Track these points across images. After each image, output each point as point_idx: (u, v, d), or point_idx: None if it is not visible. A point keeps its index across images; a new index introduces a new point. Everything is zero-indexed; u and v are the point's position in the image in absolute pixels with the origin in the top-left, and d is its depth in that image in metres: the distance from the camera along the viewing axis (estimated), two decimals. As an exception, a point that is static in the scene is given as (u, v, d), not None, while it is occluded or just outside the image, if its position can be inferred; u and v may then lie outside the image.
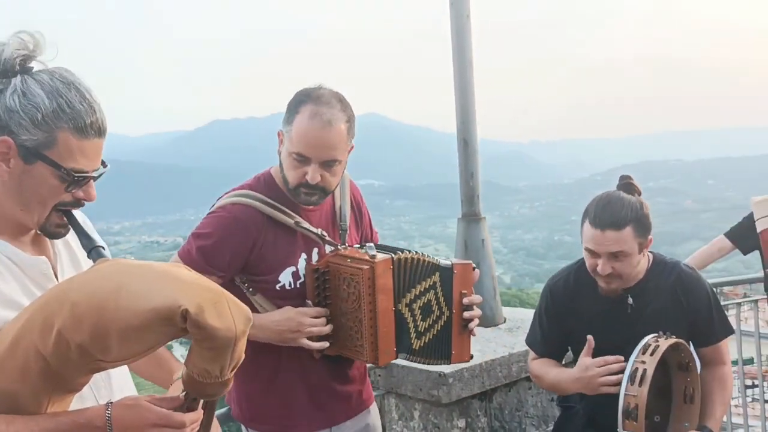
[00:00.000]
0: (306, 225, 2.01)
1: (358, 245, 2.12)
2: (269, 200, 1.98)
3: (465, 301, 2.03)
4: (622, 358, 2.13)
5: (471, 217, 3.37)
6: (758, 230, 1.91)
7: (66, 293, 1.19)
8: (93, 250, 1.34)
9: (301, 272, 2.02)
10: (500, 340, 3.12)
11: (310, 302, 2.00)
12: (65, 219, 1.36)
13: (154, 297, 1.15)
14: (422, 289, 2.01)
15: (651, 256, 2.36)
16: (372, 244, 2.06)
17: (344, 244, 2.08)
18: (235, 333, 1.20)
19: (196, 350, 1.22)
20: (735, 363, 4.88)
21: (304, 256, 2.02)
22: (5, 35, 1.29)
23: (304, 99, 1.93)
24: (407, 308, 1.99)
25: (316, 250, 2.04)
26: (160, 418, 1.27)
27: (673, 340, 2.14)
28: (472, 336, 2.08)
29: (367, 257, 1.94)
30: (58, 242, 1.43)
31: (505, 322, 3.39)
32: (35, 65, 1.30)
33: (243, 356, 1.26)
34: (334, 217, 2.11)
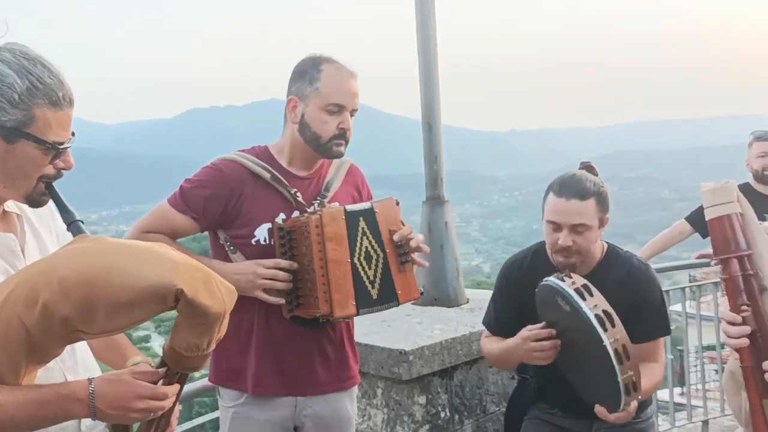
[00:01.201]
0: (281, 179, 2.07)
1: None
2: (254, 158, 2.09)
3: (395, 237, 2.04)
4: (553, 332, 2.17)
5: (435, 200, 3.44)
6: (707, 218, 1.94)
7: (53, 268, 1.23)
8: (72, 224, 1.39)
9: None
10: (461, 319, 3.19)
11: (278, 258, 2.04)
12: (46, 190, 1.40)
13: (148, 275, 1.22)
14: (360, 238, 2.03)
15: (605, 246, 2.41)
16: (336, 203, 2.10)
17: (314, 207, 2.09)
18: (225, 309, 1.31)
19: (185, 327, 1.30)
20: (712, 348, 5.01)
21: (282, 216, 2.08)
22: None
23: (319, 60, 2.08)
24: (359, 262, 2.02)
25: (296, 213, 2.09)
26: (145, 390, 1.33)
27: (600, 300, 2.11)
28: (416, 269, 2.11)
29: (320, 209, 2.01)
30: (25, 222, 1.46)
31: (468, 302, 3.47)
32: None
33: (225, 330, 1.35)
34: (320, 188, 2.17)
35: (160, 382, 1.38)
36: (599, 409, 2.09)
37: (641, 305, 2.32)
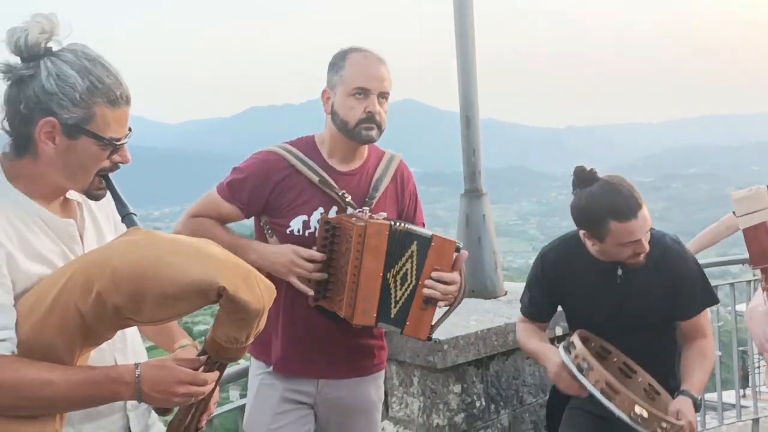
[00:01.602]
0: (330, 183, 2.14)
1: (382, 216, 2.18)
2: (300, 155, 2.16)
3: (434, 275, 2.01)
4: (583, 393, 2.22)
5: (473, 193, 3.47)
6: (741, 228, 1.90)
7: (107, 259, 1.34)
8: (127, 216, 1.49)
9: (312, 223, 2.14)
10: (498, 311, 3.22)
11: (315, 248, 2.11)
12: (104, 183, 1.49)
13: (193, 272, 1.32)
14: (405, 259, 2.05)
15: None
16: (384, 214, 2.15)
17: (363, 210, 2.14)
18: (263, 305, 1.40)
19: (225, 320, 1.40)
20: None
21: (320, 209, 2.14)
22: (20, 21, 1.38)
23: (347, 51, 2.15)
24: (393, 278, 2.05)
25: (335, 208, 2.16)
26: (187, 376, 1.43)
27: (575, 333, 2.27)
28: (434, 314, 2.06)
29: (368, 217, 2.06)
30: (84, 210, 1.56)
31: (506, 294, 3.49)
32: (54, 45, 1.40)
33: (264, 325, 1.44)
34: (368, 188, 2.21)
35: (201, 369, 1.47)
36: None
37: (678, 283, 2.35)
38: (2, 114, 1.40)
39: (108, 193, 1.52)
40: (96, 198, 1.52)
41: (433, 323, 2.07)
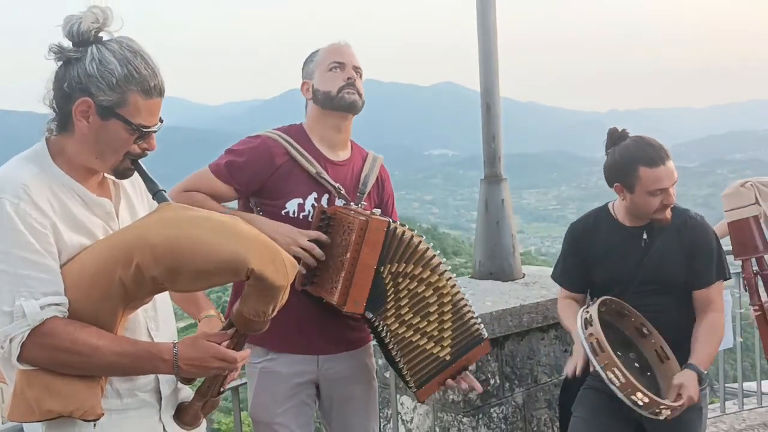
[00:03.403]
0: (326, 177, 2.26)
1: (366, 208, 2.31)
2: (296, 144, 2.27)
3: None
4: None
5: (492, 178, 3.54)
6: (726, 221, 2.05)
7: (145, 235, 1.48)
8: (158, 193, 1.62)
9: (306, 206, 2.25)
10: (514, 293, 3.30)
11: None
12: (132, 165, 1.61)
13: (226, 251, 1.47)
14: (415, 276, 2.14)
15: None
16: (379, 210, 2.25)
17: (356, 204, 2.29)
18: (287, 281, 1.54)
19: (253, 296, 1.54)
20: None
21: (314, 194, 2.26)
22: (78, 9, 1.53)
23: (316, 50, 2.34)
24: (390, 276, 2.13)
25: (326, 196, 2.27)
26: (218, 353, 1.57)
27: (597, 301, 2.36)
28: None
29: (370, 214, 2.15)
30: (120, 189, 1.69)
31: (523, 277, 3.57)
32: (104, 35, 1.53)
33: (287, 298, 1.58)
34: (357, 182, 2.35)
35: (227, 342, 1.61)
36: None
37: (696, 250, 2.47)
38: (51, 93, 1.55)
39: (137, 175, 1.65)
40: (124, 176, 1.63)
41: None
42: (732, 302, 3.78)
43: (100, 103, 1.49)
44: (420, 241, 2.16)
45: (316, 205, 2.26)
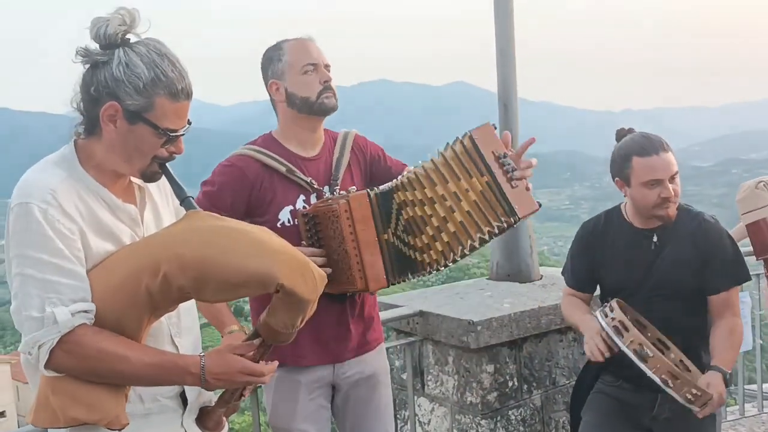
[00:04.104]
0: (298, 174, 2.24)
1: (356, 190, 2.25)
2: (266, 152, 2.25)
3: (498, 155, 1.97)
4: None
5: (510, 178, 3.52)
6: (744, 224, 2.06)
7: (173, 245, 1.48)
8: (185, 200, 1.61)
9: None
10: (532, 294, 3.29)
11: (304, 243, 2.21)
12: (160, 169, 1.60)
13: (253, 264, 1.46)
14: (394, 213, 2.10)
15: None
16: (354, 188, 2.22)
17: (331, 193, 2.26)
18: (317, 295, 1.54)
19: (281, 308, 1.53)
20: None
21: (302, 197, 2.25)
22: (106, 12, 1.52)
23: (279, 44, 2.27)
24: (393, 234, 2.13)
25: (314, 195, 2.26)
26: (245, 368, 1.56)
27: (614, 303, 2.31)
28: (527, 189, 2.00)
29: (344, 194, 2.16)
30: (145, 194, 1.68)
31: (541, 279, 3.55)
32: (131, 37, 1.52)
33: (315, 310, 1.57)
34: (330, 167, 2.32)
35: (253, 353, 1.60)
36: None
37: (711, 255, 2.41)
38: (78, 96, 1.54)
39: (165, 179, 1.64)
40: (151, 180, 1.62)
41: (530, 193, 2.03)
42: (751, 303, 3.74)
43: (128, 107, 1.49)
44: (402, 183, 2.09)
45: (305, 207, 2.24)
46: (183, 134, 1.57)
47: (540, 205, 2.02)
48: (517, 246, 3.47)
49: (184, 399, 1.68)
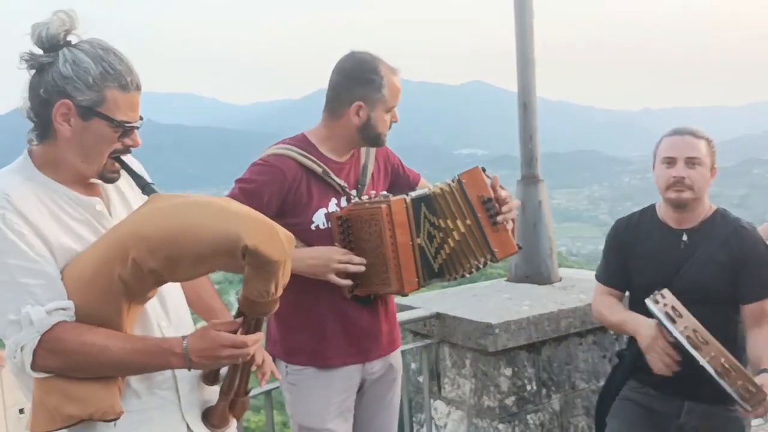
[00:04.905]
0: (332, 175, 2.27)
1: (376, 194, 2.34)
2: (303, 152, 2.26)
3: (485, 200, 2.20)
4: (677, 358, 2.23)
5: (529, 179, 3.48)
6: None
7: (138, 229, 1.47)
8: (146, 187, 1.62)
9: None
10: (552, 296, 3.23)
11: (337, 245, 2.23)
12: (117, 165, 1.61)
13: (217, 231, 1.45)
14: (422, 221, 2.23)
15: (715, 207, 2.47)
16: (385, 192, 2.29)
17: (360, 196, 2.30)
18: (286, 255, 1.51)
19: (253, 276, 1.50)
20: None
21: (334, 200, 2.27)
22: (45, 16, 1.52)
23: (375, 64, 2.25)
24: (423, 242, 2.23)
25: (344, 198, 2.29)
26: (227, 340, 1.54)
27: (665, 290, 2.24)
28: (510, 230, 2.24)
29: (383, 199, 2.21)
30: (110, 188, 1.67)
31: (560, 281, 3.49)
32: (73, 38, 1.53)
33: (289, 275, 1.55)
34: (358, 173, 2.36)
35: (240, 330, 1.57)
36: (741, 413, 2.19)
37: (746, 262, 2.35)
38: (27, 104, 1.54)
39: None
40: (110, 180, 1.61)
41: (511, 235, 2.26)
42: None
43: (80, 103, 1.49)
44: (435, 194, 2.23)
45: (337, 210, 2.26)
46: (138, 126, 1.58)
47: (520, 247, 2.29)
48: (537, 247, 3.42)
49: None
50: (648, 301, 2.25)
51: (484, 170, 2.24)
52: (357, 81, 2.24)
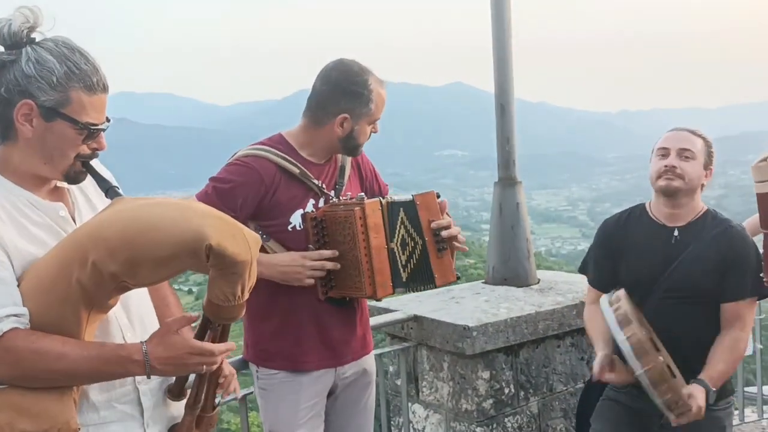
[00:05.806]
0: (310, 176, 2.24)
1: (351, 196, 2.32)
2: (280, 153, 2.22)
3: (433, 225, 2.22)
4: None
5: (507, 181, 3.47)
6: (756, 193, 2.05)
7: (98, 231, 1.41)
8: (110, 190, 1.56)
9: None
10: (530, 299, 3.22)
11: (311, 246, 2.20)
12: (83, 167, 1.55)
13: (179, 231, 1.38)
14: (398, 227, 2.23)
15: (706, 208, 2.49)
16: (362, 194, 2.27)
17: (337, 197, 2.29)
18: (251, 256, 1.45)
19: (218, 278, 1.44)
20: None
21: (312, 201, 2.25)
22: (7, 12, 1.46)
23: (365, 77, 2.22)
24: (396, 246, 2.22)
25: (322, 199, 2.27)
26: (194, 347, 1.48)
27: (621, 291, 2.27)
28: (454, 256, 2.30)
29: (358, 201, 2.18)
30: (75, 191, 1.62)
31: (538, 283, 3.49)
32: (37, 36, 1.47)
33: (255, 278, 1.49)
34: (336, 174, 2.34)
35: (207, 336, 1.53)
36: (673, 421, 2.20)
37: (733, 261, 2.37)
38: None
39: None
40: (75, 181, 1.56)
41: (453, 263, 2.30)
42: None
43: (43, 104, 1.43)
44: (394, 201, 2.24)
45: (314, 211, 2.23)
46: (104, 129, 1.52)
47: (458, 277, 2.35)
48: (514, 249, 3.41)
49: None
50: (603, 300, 2.27)
51: (438, 196, 2.27)
52: (345, 93, 2.20)
